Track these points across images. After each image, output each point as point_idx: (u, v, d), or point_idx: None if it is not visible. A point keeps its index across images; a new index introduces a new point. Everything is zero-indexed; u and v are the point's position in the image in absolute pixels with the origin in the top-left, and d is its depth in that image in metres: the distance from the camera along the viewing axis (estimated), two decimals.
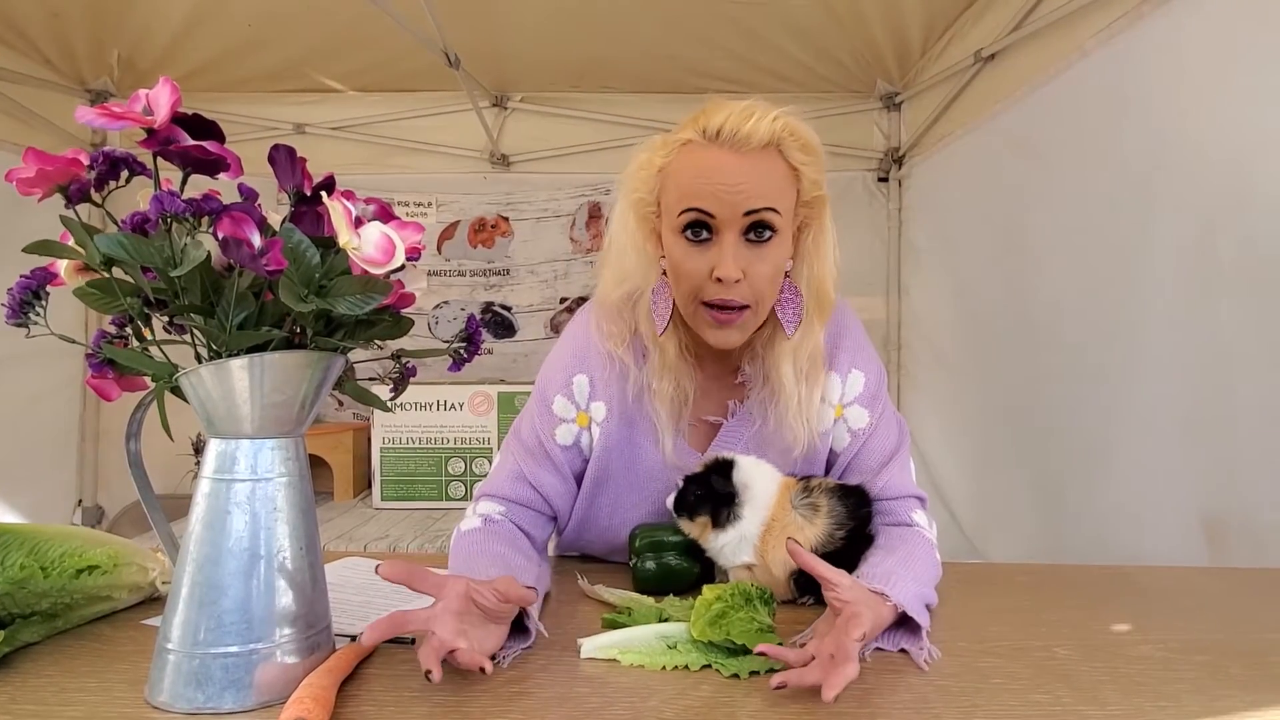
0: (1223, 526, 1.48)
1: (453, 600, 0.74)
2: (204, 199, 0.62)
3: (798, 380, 1.00)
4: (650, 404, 1.04)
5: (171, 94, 0.62)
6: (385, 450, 2.73)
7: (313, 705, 0.63)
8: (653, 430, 1.06)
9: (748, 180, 0.91)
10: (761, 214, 0.92)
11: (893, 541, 0.97)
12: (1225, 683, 0.75)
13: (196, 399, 0.70)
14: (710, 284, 0.93)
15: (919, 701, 0.71)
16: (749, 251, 0.93)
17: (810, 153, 0.96)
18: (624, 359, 1.04)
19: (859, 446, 1.07)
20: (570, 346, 1.10)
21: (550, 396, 1.08)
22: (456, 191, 3.20)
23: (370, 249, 0.66)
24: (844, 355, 1.08)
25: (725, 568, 1.00)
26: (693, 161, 0.94)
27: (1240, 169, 1.42)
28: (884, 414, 1.09)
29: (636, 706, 0.69)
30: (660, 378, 1.03)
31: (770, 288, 0.96)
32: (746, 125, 0.91)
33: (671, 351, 1.03)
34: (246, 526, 0.69)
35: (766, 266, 0.94)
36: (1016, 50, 2.24)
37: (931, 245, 2.92)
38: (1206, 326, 1.50)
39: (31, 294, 0.68)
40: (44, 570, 0.81)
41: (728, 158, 0.92)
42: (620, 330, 1.05)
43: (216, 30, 2.64)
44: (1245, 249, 1.41)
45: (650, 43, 2.69)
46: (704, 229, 0.94)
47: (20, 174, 0.64)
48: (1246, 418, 1.41)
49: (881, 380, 1.11)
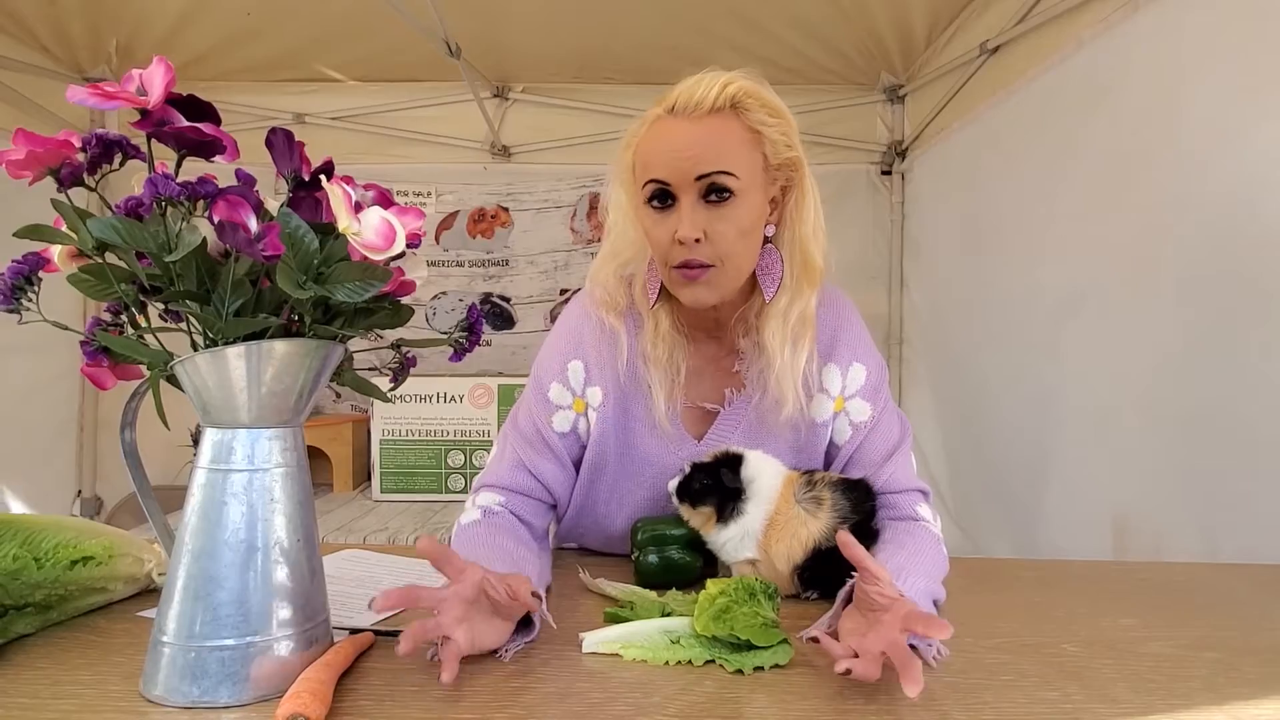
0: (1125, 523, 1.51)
1: (466, 587, 0.73)
2: (199, 182, 0.60)
3: (784, 342, 1.01)
4: (644, 370, 1.05)
5: (166, 74, 0.60)
6: (385, 442, 2.72)
7: (310, 700, 0.62)
8: (648, 414, 1.06)
9: (697, 145, 0.94)
10: (713, 177, 0.94)
11: (900, 537, 0.97)
12: (1237, 680, 0.74)
13: (192, 388, 0.68)
14: (675, 247, 0.96)
15: (927, 698, 0.69)
16: (708, 212, 0.95)
17: (774, 113, 0.98)
18: (615, 327, 1.05)
19: (861, 439, 1.07)
20: (564, 333, 1.10)
21: (546, 384, 1.08)
22: (456, 182, 3.18)
23: (371, 234, 0.65)
24: (844, 348, 1.08)
25: (728, 562, 0.98)
26: (654, 135, 0.98)
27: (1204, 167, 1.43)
28: (886, 407, 1.09)
29: (639, 702, 0.68)
30: (654, 345, 1.04)
31: (736, 246, 0.97)
32: (698, 93, 0.95)
33: (665, 323, 1.05)
34: (243, 518, 0.68)
35: (727, 225, 0.95)
36: (1021, 42, 2.22)
37: (934, 238, 2.90)
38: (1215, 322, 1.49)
39: (24, 279, 0.67)
40: (38, 561, 0.80)
41: (681, 125, 0.95)
42: (614, 300, 1.07)
43: (215, 18, 2.61)
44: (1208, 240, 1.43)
45: (652, 34, 2.67)
46: (667, 197, 0.97)
47: (10, 156, 0.62)
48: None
49: (883, 374, 1.11)
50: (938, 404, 2.84)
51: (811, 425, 1.07)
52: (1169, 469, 1.54)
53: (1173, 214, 1.55)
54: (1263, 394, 1.31)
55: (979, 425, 2.49)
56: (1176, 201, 1.54)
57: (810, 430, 1.07)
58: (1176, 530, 1.51)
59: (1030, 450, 2.12)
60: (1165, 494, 1.54)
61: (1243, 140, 1.39)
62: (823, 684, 0.72)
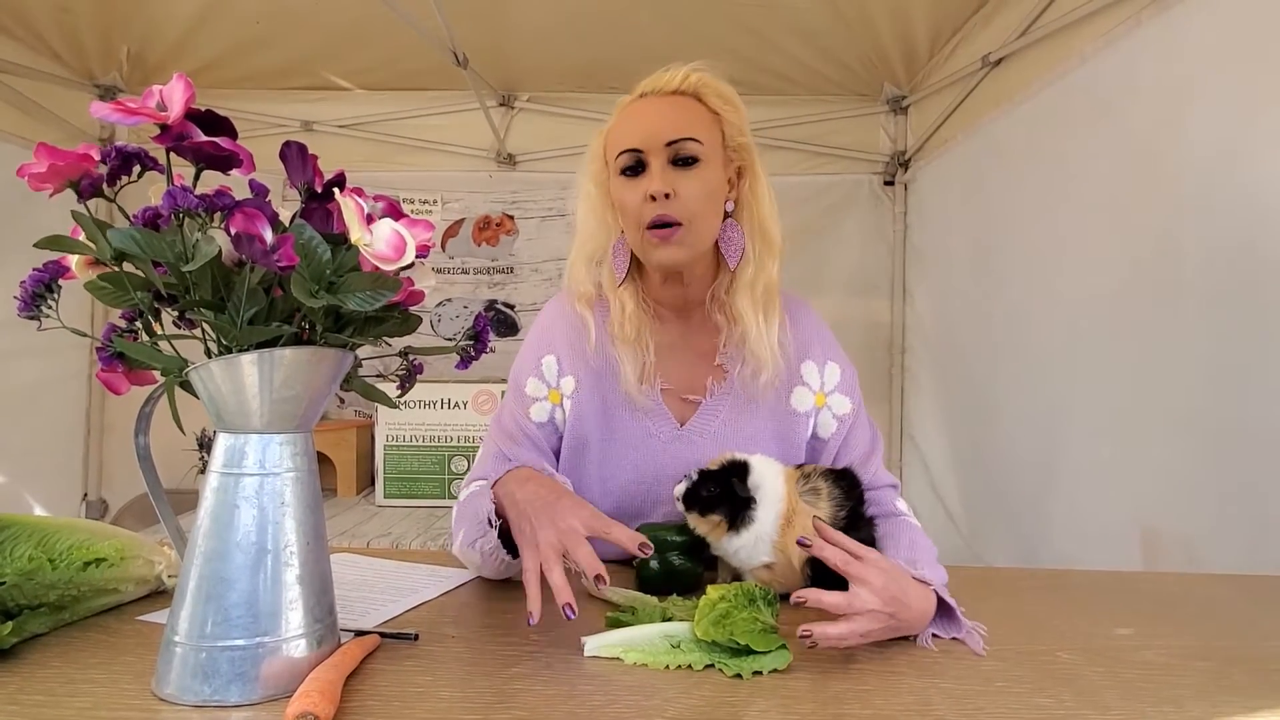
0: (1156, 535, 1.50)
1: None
2: (217, 195, 0.62)
3: (755, 310, 1.10)
4: (613, 351, 1.12)
5: (185, 90, 0.62)
6: (389, 447, 2.73)
7: (319, 699, 0.64)
8: (625, 397, 1.12)
9: (666, 116, 1.06)
10: (682, 143, 1.04)
11: (896, 532, 1.02)
12: (1227, 688, 0.76)
13: (206, 394, 0.70)
14: (647, 206, 1.04)
15: (922, 704, 0.71)
16: (676, 174, 1.04)
17: (728, 101, 1.09)
18: (585, 314, 1.13)
19: (846, 431, 1.15)
20: (537, 332, 1.20)
21: (523, 381, 1.16)
22: (462, 189, 3.21)
23: (382, 245, 0.66)
24: (818, 348, 1.17)
25: (742, 569, 0.99)
26: (624, 116, 1.10)
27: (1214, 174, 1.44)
28: (860, 406, 1.17)
29: (640, 705, 0.69)
30: (620, 326, 1.11)
31: (703, 206, 1.05)
32: (664, 77, 1.09)
33: (630, 303, 1.12)
34: (254, 521, 0.70)
35: (694, 186, 1.04)
36: (1023, 55, 2.24)
37: (936, 249, 2.91)
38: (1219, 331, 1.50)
39: (44, 287, 0.69)
40: (52, 562, 0.81)
41: (650, 102, 1.08)
42: (585, 291, 1.14)
43: (225, 27, 2.64)
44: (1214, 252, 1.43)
45: (657, 44, 2.69)
46: (638, 166, 1.06)
47: (33, 169, 0.64)
48: None
49: (855, 375, 1.19)
50: (941, 412, 2.85)
51: (792, 414, 1.14)
52: (1200, 480, 1.51)
53: (1188, 225, 1.55)
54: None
55: (985, 433, 2.49)
56: (1193, 212, 1.54)
57: (791, 419, 1.14)
58: (1209, 541, 1.49)
59: (1040, 460, 2.12)
60: (1198, 505, 1.52)
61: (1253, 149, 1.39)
62: (820, 689, 0.74)
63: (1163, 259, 1.62)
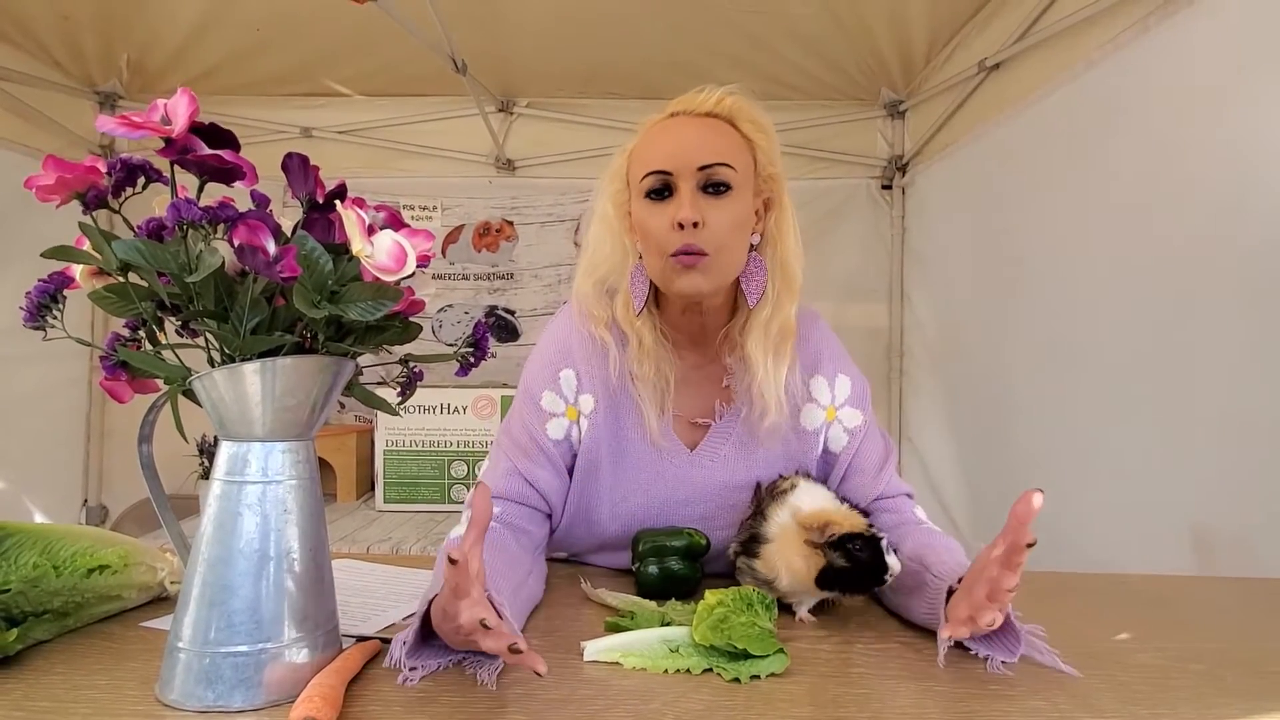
0: (1209, 535, 1.49)
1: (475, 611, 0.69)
2: (220, 206, 0.63)
3: (766, 352, 1.05)
4: (632, 388, 1.08)
5: (189, 104, 0.63)
6: (388, 453, 2.74)
7: (321, 704, 0.64)
8: (639, 421, 1.09)
9: (699, 138, 1.01)
10: (714, 169, 0.99)
11: (933, 542, 0.97)
12: (1222, 691, 0.76)
13: (209, 402, 0.71)
14: (673, 234, 0.99)
15: (916, 708, 0.72)
16: (706, 201, 1.00)
17: (761, 129, 1.05)
18: (605, 339, 1.08)
19: (858, 445, 1.12)
20: (553, 343, 1.13)
21: (538, 393, 1.10)
22: (462, 195, 3.22)
23: (383, 256, 0.67)
24: (827, 361, 1.14)
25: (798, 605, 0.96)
26: (653, 134, 1.05)
27: (1240, 177, 1.43)
28: (873, 417, 1.15)
29: (639, 709, 0.70)
30: (640, 363, 1.07)
31: (730, 238, 1.01)
32: (699, 98, 1.04)
33: (649, 337, 1.07)
34: (257, 528, 0.70)
35: (724, 215, 1.00)
36: (1021, 60, 2.26)
37: (934, 253, 2.92)
38: (1201, 331, 1.51)
39: (49, 297, 0.70)
40: (56, 569, 0.82)
41: (683, 121, 1.03)
42: (600, 314, 1.10)
43: (225, 34, 2.65)
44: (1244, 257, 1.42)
45: (656, 49, 2.70)
46: (665, 190, 1.01)
47: (40, 181, 0.65)
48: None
49: (866, 387, 1.16)
50: (941, 416, 2.85)
51: (803, 433, 1.12)
52: (1248, 480, 1.46)
53: (1215, 226, 1.53)
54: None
55: (987, 436, 2.49)
56: (1221, 213, 1.52)
57: (801, 438, 1.12)
58: (1266, 541, 1.42)
59: (1042, 462, 2.12)
60: (1246, 506, 1.46)
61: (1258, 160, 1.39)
62: (818, 692, 0.74)
63: (1186, 261, 1.60)
